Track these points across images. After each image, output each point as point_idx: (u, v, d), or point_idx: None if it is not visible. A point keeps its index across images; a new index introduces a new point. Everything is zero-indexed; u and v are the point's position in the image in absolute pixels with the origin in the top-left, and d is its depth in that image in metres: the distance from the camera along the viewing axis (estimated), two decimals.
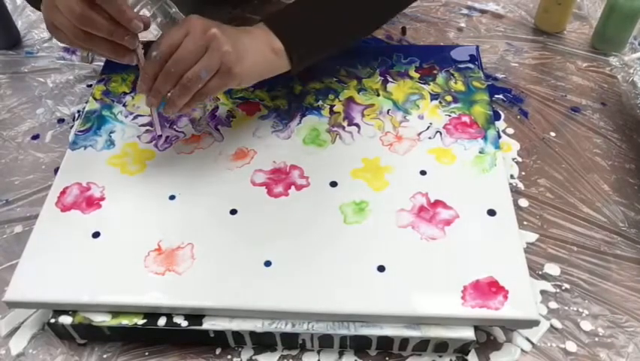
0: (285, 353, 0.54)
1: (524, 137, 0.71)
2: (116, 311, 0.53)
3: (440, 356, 0.53)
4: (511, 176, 0.66)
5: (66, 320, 0.53)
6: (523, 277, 0.52)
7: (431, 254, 0.54)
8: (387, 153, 0.63)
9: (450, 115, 0.67)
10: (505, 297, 0.51)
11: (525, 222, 0.62)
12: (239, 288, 0.52)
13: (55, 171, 0.64)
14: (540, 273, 0.59)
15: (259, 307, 0.51)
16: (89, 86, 0.78)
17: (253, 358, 0.54)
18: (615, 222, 0.62)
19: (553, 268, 0.59)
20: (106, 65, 0.75)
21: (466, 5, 0.89)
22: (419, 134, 0.65)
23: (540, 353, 0.53)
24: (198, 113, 0.68)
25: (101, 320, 0.53)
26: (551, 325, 0.55)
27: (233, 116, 0.68)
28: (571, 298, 0.57)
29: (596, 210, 0.63)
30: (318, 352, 0.54)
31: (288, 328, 0.51)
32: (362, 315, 0.51)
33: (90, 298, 0.52)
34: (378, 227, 0.56)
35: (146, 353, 0.55)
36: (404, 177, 0.61)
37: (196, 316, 0.52)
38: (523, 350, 0.54)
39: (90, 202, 0.59)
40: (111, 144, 0.65)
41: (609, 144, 0.70)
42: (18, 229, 0.64)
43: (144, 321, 0.52)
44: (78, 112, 0.75)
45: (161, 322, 0.52)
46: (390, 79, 0.72)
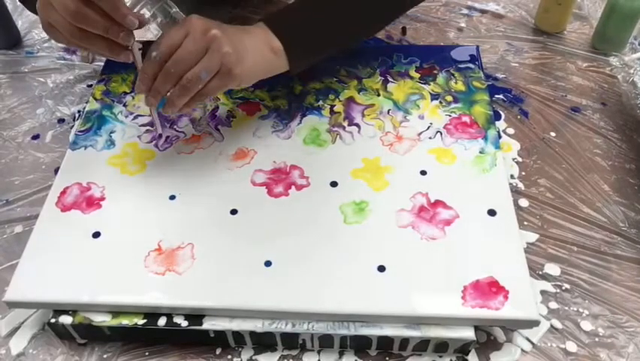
0: (285, 353, 0.54)
1: (524, 137, 0.71)
2: (116, 311, 0.53)
3: (440, 356, 0.53)
4: (512, 176, 0.66)
5: (66, 319, 0.53)
6: (524, 277, 0.52)
7: (431, 254, 0.54)
8: (388, 153, 0.63)
9: (450, 115, 0.67)
10: (505, 297, 0.51)
11: (525, 223, 0.62)
12: (239, 288, 0.52)
13: (56, 171, 0.64)
14: (540, 273, 0.59)
15: (259, 307, 0.51)
16: (89, 86, 0.78)
17: (253, 358, 0.54)
18: (615, 223, 0.62)
19: (553, 268, 0.59)
20: (106, 65, 0.75)
21: (467, 5, 0.89)
22: (419, 135, 0.65)
23: (540, 353, 0.53)
24: (198, 113, 0.68)
25: (101, 319, 0.53)
26: (551, 325, 0.55)
27: (234, 116, 0.68)
28: (571, 298, 0.57)
29: (596, 210, 0.63)
30: (319, 352, 0.54)
31: (288, 328, 0.51)
32: (362, 315, 0.51)
33: (90, 298, 0.52)
34: (379, 227, 0.56)
35: (146, 353, 0.55)
36: (404, 177, 0.61)
37: (196, 316, 0.52)
38: (523, 350, 0.54)
39: (90, 202, 0.59)
40: (111, 144, 0.65)
41: (609, 144, 0.70)
42: (18, 229, 0.64)
43: (144, 321, 0.52)
44: (78, 112, 0.75)
45: (161, 322, 0.52)
46: (390, 79, 0.72)
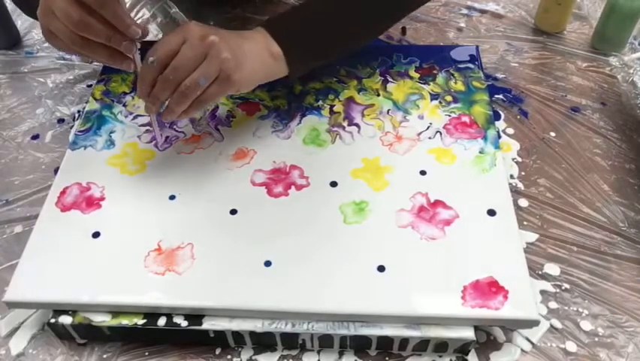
0: (285, 353, 0.54)
1: (524, 137, 0.71)
2: (116, 311, 0.53)
3: (440, 356, 0.53)
4: (511, 176, 0.66)
5: (66, 320, 0.53)
6: (523, 277, 0.52)
7: (431, 254, 0.54)
8: (387, 153, 0.63)
9: (450, 115, 0.67)
10: (505, 297, 0.51)
11: (525, 223, 0.62)
12: (239, 288, 0.52)
13: (55, 171, 0.64)
14: (540, 273, 0.59)
15: (259, 307, 0.51)
16: (89, 86, 0.78)
17: (253, 358, 0.54)
18: (615, 223, 0.62)
19: (553, 268, 0.59)
20: (106, 65, 0.75)
21: (466, 5, 0.89)
22: (419, 135, 0.65)
23: (540, 353, 0.53)
24: (198, 113, 0.68)
25: (101, 319, 0.53)
26: (551, 325, 0.55)
27: (234, 116, 0.68)
28: (571, 298, 0.57)
29: (596, 210, 0.63)
30: (318, 352, 0.54)
31: (288, 328, 0.51)
32: (362, 315, 0.51)
33: (90, 298, 0.52)
34: (378, 227, 0.56)
35: (146, 353, 0.55)
36: (404, 177, 0.61)
37: (196, 316, 0.52)
38: (523, 350, 0.54)
39: (90, 202, 0.59)
40: (111, 143, 0.65)
41: (609, 144, 0.70)
42: (18, 229, 0.64)
43: (144, 321, 0.52)
44: (78, 112, 0.75)
45: (161, 322, 0.52)
46: (390, 79, 0.72)
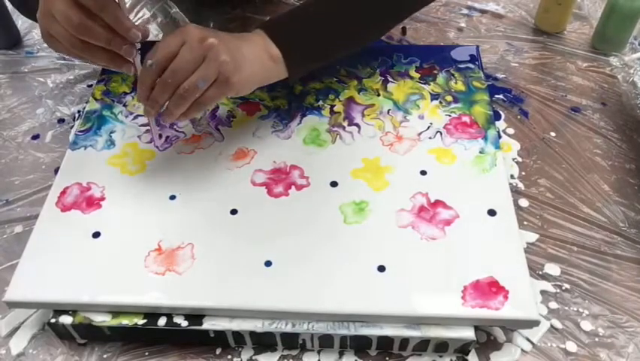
0: (285, 353, 0.54)
1: (524, 137, 0.71)
2: (116, 311, 0.53)
3: (440, 356, 0.53)
4: (512, 176, 0.66)
5: (66, 319, 0.53)
6: (524, 277, 0.52)
7: (431, 254, 0.54)
8: (388, 153, 0.63)
9: (450, 115, 0.67)
10: (505, 297, 0.51)
11: (525, 222, 0.62)
12: (239, 288, 0.52)
13: (56, 171, 0.64)
14: (540, 273, 0.59)
15: (259, 307, 0.51)
16: (89, 86, 0.78)
17: (253, 358, 0.54)
18: (615, 223, 0.62)
19: (553, 268, 0.59)
20: None
21: (466, 5, 0.89)
22: (419, 134, 0.65)
23: (540, 353, 0.53)
24: (198, 114, 0.68)
25: (101, 319, 0.53)
26: (551, 325, 0.55)
27: (234, 116, 0.68)
28: (571, 298, 0.57)
29: (596, 210, 0.63)
30: (319, 352, 0.54)
31: (288, 328, 0.51)
32: (362, 315, 0.51)
33: (90, 298, 0.52)
34: (378, 227, 0.56)
35: (146, 353, 0.55)
36: (404, 177, 0.61)
37: (196, 316, 0.52)
38: (523, 350, 0.54)
39: (90, 202, 0.59)
40: (111, 143, 0.65)
41: (609, 144, 0.70)
42: (18, 229, 0.64)
43: (144, 321, 0.52)
44: (78, 112, 0.75)
45: (161, 322, 0.52)
46: (390, 79, 0.72)
